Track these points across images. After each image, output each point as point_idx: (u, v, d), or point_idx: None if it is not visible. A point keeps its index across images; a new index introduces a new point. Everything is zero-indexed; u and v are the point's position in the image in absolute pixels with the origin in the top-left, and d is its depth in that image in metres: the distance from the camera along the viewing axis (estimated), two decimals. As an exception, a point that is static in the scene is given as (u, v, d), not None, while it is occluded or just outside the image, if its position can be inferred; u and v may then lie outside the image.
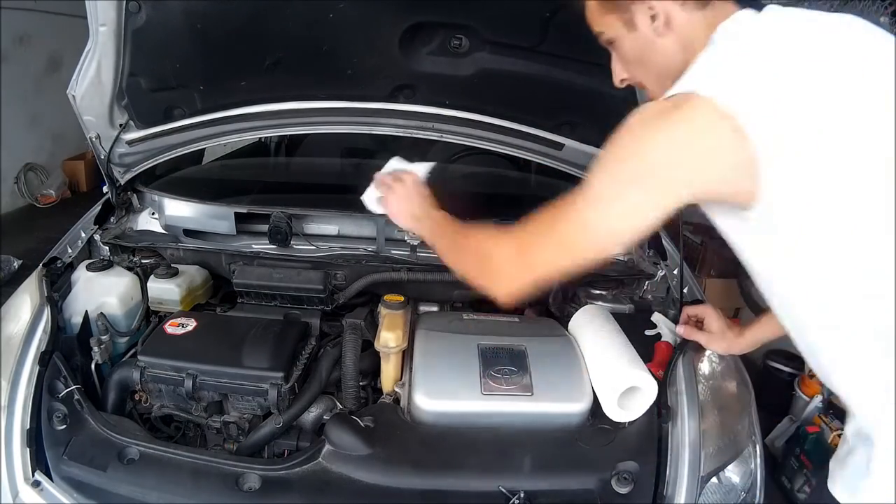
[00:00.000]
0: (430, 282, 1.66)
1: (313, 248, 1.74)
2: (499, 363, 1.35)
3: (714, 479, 1.21)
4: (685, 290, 1.63)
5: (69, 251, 1.76)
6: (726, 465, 1.24)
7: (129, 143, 1.71)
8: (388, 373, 1.43)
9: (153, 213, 1.89)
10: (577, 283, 1.73)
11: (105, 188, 1.82)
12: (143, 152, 1.77)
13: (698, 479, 1.18)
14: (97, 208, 1.86)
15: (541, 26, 1.42)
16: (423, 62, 1.55)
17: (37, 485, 1.17)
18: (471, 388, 1.29)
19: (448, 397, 1.29)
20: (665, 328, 1.49)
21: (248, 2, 1.41)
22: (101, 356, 1.49)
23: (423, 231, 1.21)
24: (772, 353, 2.76)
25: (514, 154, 1.77)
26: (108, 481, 1.18)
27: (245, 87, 1.64)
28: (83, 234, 1.81)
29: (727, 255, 3.53)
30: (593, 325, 1.47)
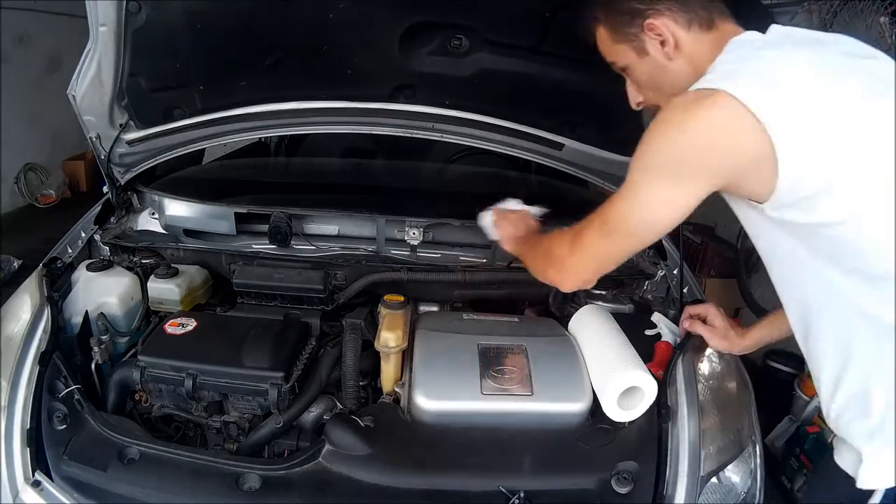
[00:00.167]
0: (430, 282, 1.66)
1: (313, 248, 1.74)
2: (499, 363, 1.35)
3: (714, 479, 1.21)
4: (685, 290, 1.63)
5: (69, 251, 1.76)
6: (726, 465, 1.24)
7: (130, 143, 1.71)
8: (388, 373, 1.43)
9: (153, 213, 1.89)
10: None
11: (105, 188, 1.82)
12: (143, 152, 1.77)
13: (698, 479, 1.18)
14: (97, 208, 1.85)
15: (541, 26, 1.43)
16: (423, 62, 1.55)
17: (37, 485, 1.17)
18: (471, 387, 1.29)
19: (448, 397, 1.29)
20: (665, 328, 1.49)
21: (248, 2, 1.41)
22: (101, 356, 1.49)
23: (519, 251, 1.32)
24: (772, 353, 2.76)
25: (514, 154, 1.77)
26: (108, 481, 1.18)
27: (245, 87, 1.64)
28: (83, 234, 1.81)
29: (727, 255, 3.51)
30: (593, 325, 1.47)
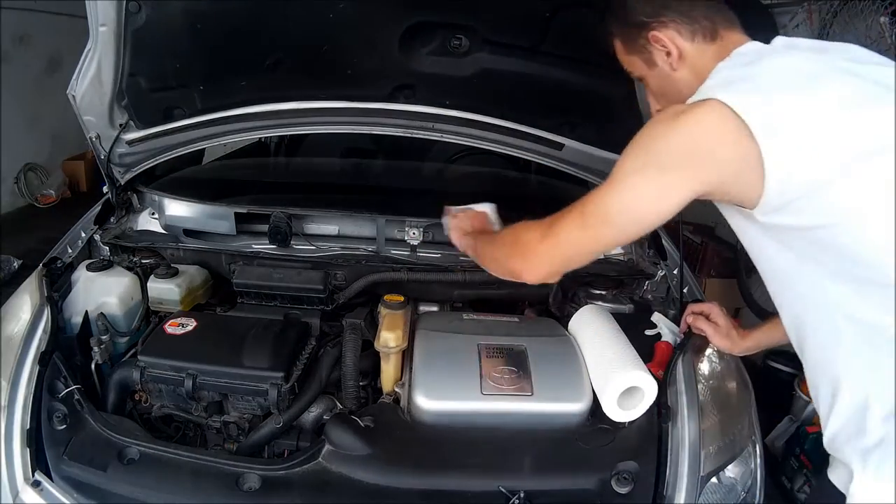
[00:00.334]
0: (430, 282, 1.66)
1: (313, 248, 1.74)
2: (499, 363, 1.35)
3: (714, 479, 1.21)
4: (685, 290, 1.63)
5: (69, 251, 1.76)
6: (726, 465, 1.24)
7: (129, 143, 1.71)
8: (388, 373, 1.43)
9: (153, 213, 1.89)
10: (577, 283, 1.73)
11: (105, 188, 1.82)
12: (143, 152, 1.77)
13: (698, 479, 1.18)
14: (97, 208, 1.85)
15: (541, 26, 1.42)
16: (423, 62, 1.54)
17: (37, 485, 1.17)
18: (471, 388, 1.29)
19: (448, 397, 1.29)
20: (665, 328, 1.49)
21: (248, 2, 1.41)
22: (101, 356, 1.49)
23: (468, 246, 1.32)
24: (772, 353, 2.75)
25: (514, 154, 1.77)
26: (108, 481, 1.18)
27: (245, 87, 1.64)
28: (83, 234, 1.81)
29: (727, 255, 3.51)
30: (593, 325, 1.47)
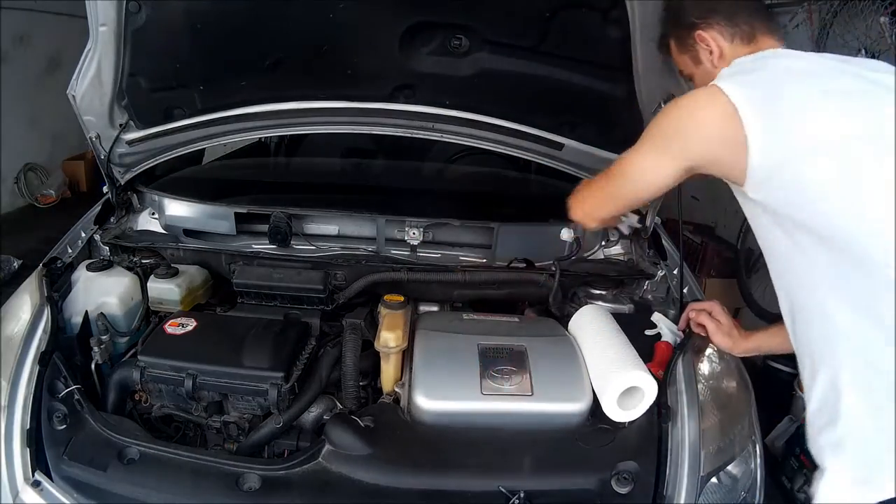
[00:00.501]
0: (430, 282, 1.66)
1: (313, 248, 1.74)
2: (499, 363, 1.35)
3: (714, 479, 1.21)
4: (685, 290, 1.63)
5: (69, 251, 1.76)
6: (726, 465, 1.24)
7: (129, 143, 1.71)
8: (388, 373, 1.43)
9: (153, 213, 1.89)
10: (577, 282, 1.73)
11: (105, 188, 1.82)
12: (143, 152, 1.77)
13: (698, 479, 1.18)
14: (97, 208, 1.86)
15: (541, 26, 1.42)
16: (423, 62, 1.55)
17: (37, 485, 1.17)
18: (471, 388, 1.29)
19: (448, 397, 1.29)
20: (665, 328, 1.49)
21: (248, 2, 1.41)
22: (101, 356, 1.49)
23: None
24: (772, 353, 2.75)
25: (515, 154, 1.77)
26: (108, 481, 1.18)
27: (245, 87, 1.64)
28: (83, 234, 1.81)
29: (727, 255, 3.51)
30: (593, 325, 1.47)
